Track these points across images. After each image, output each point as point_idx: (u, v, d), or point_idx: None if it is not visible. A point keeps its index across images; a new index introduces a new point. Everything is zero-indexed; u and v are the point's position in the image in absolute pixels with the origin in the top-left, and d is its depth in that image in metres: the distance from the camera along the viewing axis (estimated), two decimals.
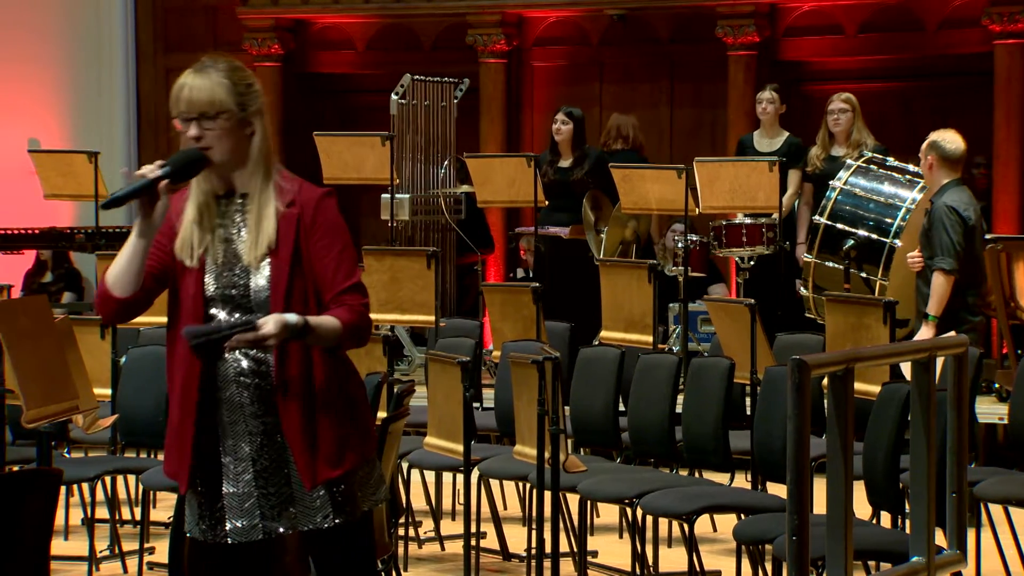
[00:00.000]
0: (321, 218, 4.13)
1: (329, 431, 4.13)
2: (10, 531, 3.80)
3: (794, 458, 3.70)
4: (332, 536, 4.18)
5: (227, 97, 4.10)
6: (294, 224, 4.12)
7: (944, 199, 8.06)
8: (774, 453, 6.39)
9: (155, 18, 14.48)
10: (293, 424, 4.11)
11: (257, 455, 4.15)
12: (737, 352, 7.44)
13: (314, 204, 4.14)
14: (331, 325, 4.07)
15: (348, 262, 4.14)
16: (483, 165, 10.70)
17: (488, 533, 7.76)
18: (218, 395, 4.15)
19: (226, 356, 4.11)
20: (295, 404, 4.11)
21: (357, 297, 4.13)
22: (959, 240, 8.00)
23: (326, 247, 4.12)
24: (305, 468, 4.11)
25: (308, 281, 4.12)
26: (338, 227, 4.15)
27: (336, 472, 4.13)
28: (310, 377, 4.12)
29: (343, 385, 4.19)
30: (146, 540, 7.36)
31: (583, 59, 13.58)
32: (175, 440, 4.19)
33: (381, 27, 13.92)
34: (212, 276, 4.15)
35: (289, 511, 4.17)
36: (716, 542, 7.88)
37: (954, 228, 8.00)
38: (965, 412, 4.41)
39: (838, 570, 3.88)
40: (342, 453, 4.14)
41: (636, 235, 10.89)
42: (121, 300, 4.14)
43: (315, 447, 4.11)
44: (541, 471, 5.93)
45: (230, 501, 4.16)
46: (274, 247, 4.11)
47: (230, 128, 4.10)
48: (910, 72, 12.94)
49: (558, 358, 5.89)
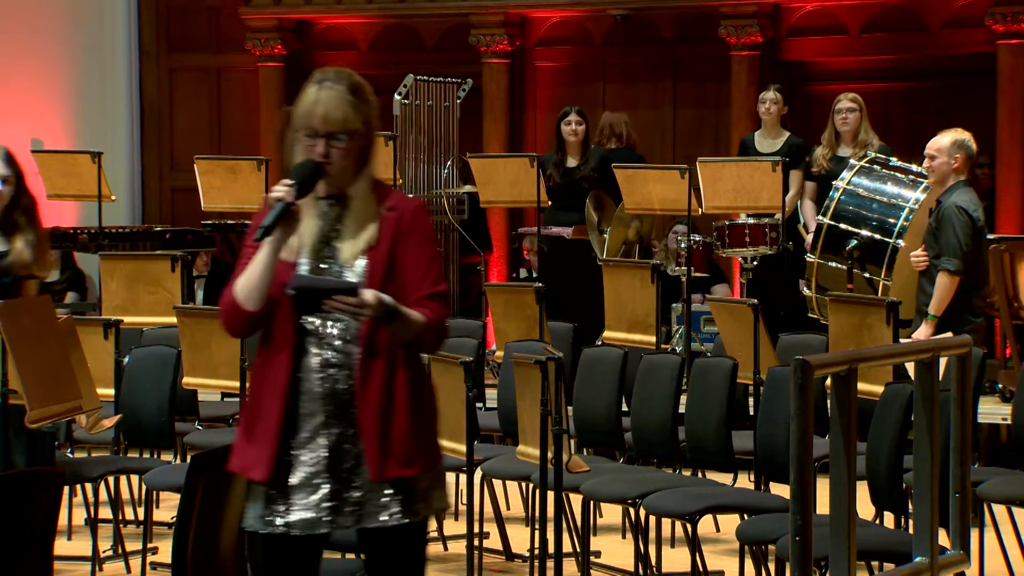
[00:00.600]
0: (419, 226, 4.27)
1: (403, 431, 4.20)
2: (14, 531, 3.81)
3: (797, 458, 3.70)
4: (393, 536, 4.24)
5: (356, 117, 4.21)
6: (392, 226, 4.24)
7: (954, 199, 8.04)
8: (777, 453, 6.38)
9: (158, 18, 14.48)
10: (370, 419, 4.18)
11: (330, 448, 4.21)
12: (740, 352, 7.44)
13: (412, 211, 4.28)
14: (417, 318, 4.20)
15: (436, 271, 4.29)
16: (486, 165, 10.70)
17: (491, 533, 7.76)
18: (300, 386, 4.21)
19: (311, 349, 4.18)
20: (375, 400, 4.19)
21: (440, 304, 4.26)
22: (967, 241, 8.00)
23: (419, 253, 4.25)
24: (376, 462, 4.18)
25: (396, 282, 4.22)
26: (432, 238, 4.33)
27: (407, 472, 4.21)
28: (392, 375, 4.21)
29: (420, 390, 4.27)
30: (149, 540, 7.37)
31: (586, 59, 13.58)
32: (255, 428, 4.23)
33: (384, 27, 13.92)
34: (306, 270, 4.23)
35: (355, 508, 4.22)
36: (719, 542, 7.88)
37: (963, 229, 7.99)
38: (968, 412, 4.41)
39: (841, 570, 3.88)
40: (413, 455, 4.22)
41: (639, 235, 10.89)
42: (252, 313, 4.23)
43: (388, 444, 4.19)
44: (544, 471, 5.93)
45: (297, 493, 4.21)
46: (372, 246, 4.22)
47: (355, 146, 4.22)
48: (913, 72, 12.93)
49: (561, 358, 5.89)
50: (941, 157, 8.10)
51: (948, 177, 8.13)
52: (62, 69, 14.04)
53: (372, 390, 4.18)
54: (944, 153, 8.10)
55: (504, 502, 8.45)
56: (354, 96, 4.22)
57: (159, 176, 14.55)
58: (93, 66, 14.16)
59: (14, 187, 6.49)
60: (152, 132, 14.47)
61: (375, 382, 4.18)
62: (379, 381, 4.19)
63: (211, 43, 14.44)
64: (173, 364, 7.57)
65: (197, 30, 14.46)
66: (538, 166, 10.35)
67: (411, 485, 4.23)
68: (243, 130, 14.21)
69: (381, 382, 4.19)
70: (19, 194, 6.51)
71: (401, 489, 4.21)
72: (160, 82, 14.48)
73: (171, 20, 14.49)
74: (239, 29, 14.00)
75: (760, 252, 10.17)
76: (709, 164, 10.04)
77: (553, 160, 10.88)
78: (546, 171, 10.67)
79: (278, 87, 13.93)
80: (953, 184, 8.11)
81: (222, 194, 10.92)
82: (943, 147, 8.11)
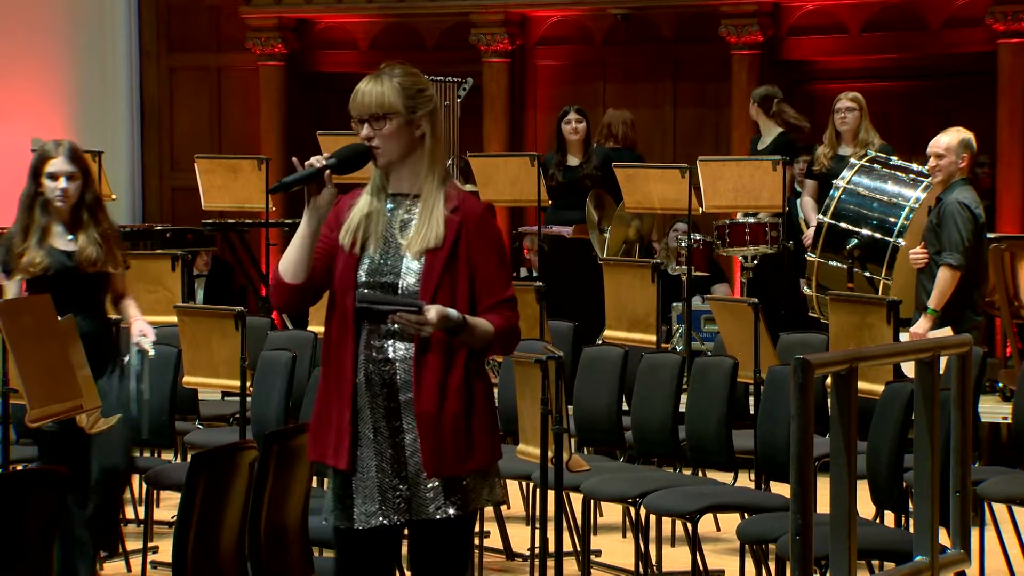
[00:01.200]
0: (485, 231, 4.33)
1: (456, 427, 4.25)
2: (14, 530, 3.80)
3: (798, 457, 3.70)
4: (439, 528, 4.29)
5: (396, 99, 4.30)
6: (455, 229, 4.29)
7: (956, 196, 8.07)
8: (778, 452, 6.39)
9: (159, 17, 14.49)
10: (426, 415, 4.24)
11: (387, 442, 4.28)
12: (740, 351, 7.44)
13: (478, 216, 4.32)
14: (485, 327, 4.28)
15: (505, 276, 4.35)
16: (486, 164, 10.71)
17: (492, 532, 7.76)
18: (356, 380, 4.29)
19: (371, 342, 4.26)
20: (429, 395, 4.25)
21: (511, 310, 4.34)
22: (969, 237, 8.03)
23: (487, 258, 4.31)
24: (430, 459, 4.24)
25: (457, 284, 4.28)
26: (499, 243, 4.37)
27: (460, 470, 4.26)
28: (447, 373, 4.26)
29: (475, 388, 4.31)
30: (150, 539, 7.37)
31: (586, 58, 13.58)
32: (330, 419, 4.33)
33: (384, 27, 13.93)
34: (366, 265, 4.32)
35: (402, 501, 4.29)
36: (719, 541, 7.88)
37: (965, 225, 8.02)
38: (969, 411, 4.41)
39: (842, 570, 3.88)
40: (464, 452, 4.26)
41: (639, 234, 10.89)
42: (293, 286, 4.33)
43: (441, 441, 4.24)
44: (544, 470, 5.93)
45: (357, 486, 4.30)
46: (433, 248, 4.27)
47: (397, 129, 4.31)
48: (913, 72, 12.94)
49: (561, 357, 5.89)
50: (949, 156, 8.13)
51: (953, 176, 8.16)
52: (62, 68, 14.04)
53: (426, 386, 4.24)
54: (952, 152, 8.13)
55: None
56: (399, 83, 4.31)
57: (159, 175, 14.56)
58: (93, 65, 14.16)
59: (80, 184, 6.47)
60: (152, 131, 14.48)
61: (429, 378, 4.24)
62: (434, 377, 4.25)
63: (211, 42, 14.45)
64: (173, 363, 7.57)
65: (197, 29, 14.46)
66: (539, 165, 10.34)
67: (459, 481, 4.27)
68: (243, 129, 14.22)
69: (436, 378, 4.25)
70: (85, 191, 6.49)
71: (448, 484, 4.26)
72: (160, 81, 14.49)
73: (171, 19, 14.50)
74: (239, 28, 14.00)
75: (760, 251, 10.17)
76: (709, 163, 10.04)
77: (555, 160, 10.86)
78: (548, 171, 10.67)
79: (278, 86, 13.94)
80: (954, 182, 8.14)
81: (222, 193, 10.93)
82: (952, 146, 8.13)
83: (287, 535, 4.93)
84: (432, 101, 4.37)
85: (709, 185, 9.94)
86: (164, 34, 14.50)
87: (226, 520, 4.61)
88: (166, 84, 14.52)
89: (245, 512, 4.70)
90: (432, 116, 4.35)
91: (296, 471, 4.95)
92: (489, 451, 4.34)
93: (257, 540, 4.76)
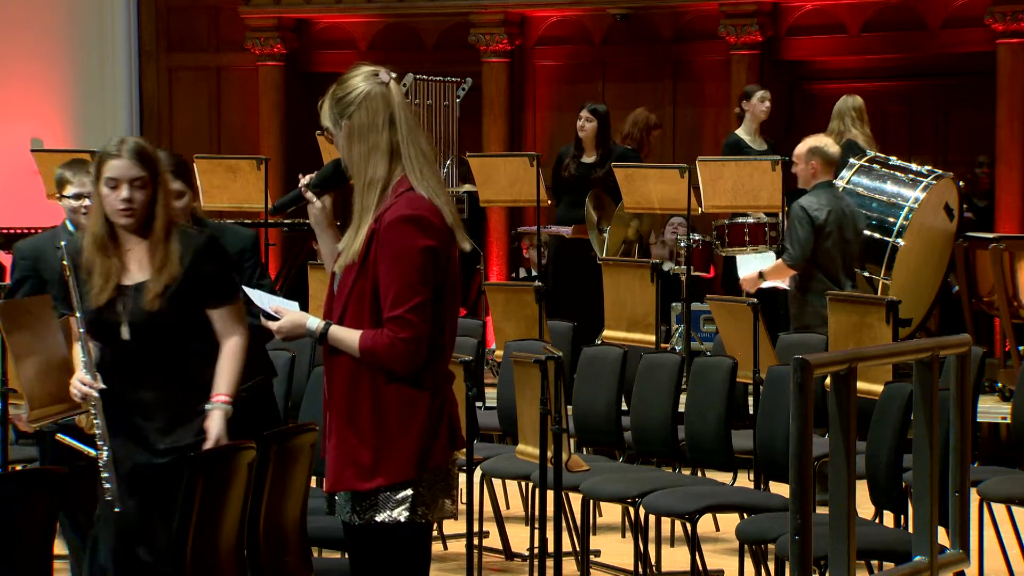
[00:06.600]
0: (388, 241, 4.15)
1: (354, 443, 4.18)
2: (13, 531, 3.81)
3: (797, 457, 3.70)
4: (353, 534, 4.26)
5: (328, 112, 4.29)
6: (367, 239, 4.17)
7: (801, 199, 8.68)
8: (777, 452, 6.39)
9: (158, 17, 14.48)
10: (331, 427, 4.24)
11: None
12: (740, 351, 7.44)
13: (385, 226, 4.16)
14: (349, 342, 4.18)
15: (397, 290, 4.13)
16: (485, 164, 10.71)
17: (491, 532, 7.76)
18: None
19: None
20: (335, 409, 4.23)
21: (395, 329, 4.14)
22: (807, 237, 8.52)
23: (385, 272, 4.15)
24: (330, 471, 4.23)
25: (364, 298, 4.18)
26: (399, 254, 4.14)
27: (360, 486, 4.18)
28: (353, 390, 4.19)
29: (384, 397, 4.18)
30: None
31: (586, 59, 13.58)
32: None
33: (383, 27, 13.92)
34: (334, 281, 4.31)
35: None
36: (719, 541, 7.88)
37: (802, 226, 8.54)
38: (968, 411, 4.41)
39: (841, 569, 3.88)
40: (371, 469, 4.16)
41: (639, 234, 10.89)
42: None
43: (346, 451, 4.19)
44: (544, 470, 5.93)
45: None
46: (353, 261, 4.19)
47: (340, 140, 4.26)
48: (913, 71, 12.93)
49: (561, 357, 5.88)
50: (799, 164, 8.76)
51: (810, 180, 8.68)
52: (62, 68, 14.04)
53: (334, 400, 4.23)
54: (802, 160, 8.73)
55: (504, 501, 8.45)
56: (331, 96, 4.28)
57: None
58: (93, 65, 14.16)
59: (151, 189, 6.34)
60: (152, 131, 14.46)
61: (336, 394, 4.22)
62: (340, 393, 4.21)
63: (211, 42, 14.45)
64: None
65: (197, 29, 14.46)
66: (538, 166, 10.35)
67: (363, 494, 4.19)
68: (242, 129, 14.22)
69: (342, 394, 4.21)
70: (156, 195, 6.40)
71: (354, 496, 4.22)
72: (160, 81, 14.48)
73: (171, 19, 14.49)
74: (239, 28, 14.00)
75: (760, 251, 10.16)
76: (708, 163, 10.04)
77: (571, 153, 10.93)
78: (563, 162, 10.74)
79: (278, 86, 13.93)
80: (816, 184, 8.65)
81: (221, 193, 10.93)
82: (800, 154, 8.76)
83: (286, 535, 4.93)
84: (356, 106, 4.21)
85: (708, 185, 9.94)
86: (163, 34, 14.50)
87: (225, 520, 4.61)
88: (165, 84, 14.51)
89: (244, 512, 4.70)
90: (358, 123, 4.21)
91: (295, 471, 4.95)
92: (401, 468, 4.16)
93: (256, 540, 4.76)
